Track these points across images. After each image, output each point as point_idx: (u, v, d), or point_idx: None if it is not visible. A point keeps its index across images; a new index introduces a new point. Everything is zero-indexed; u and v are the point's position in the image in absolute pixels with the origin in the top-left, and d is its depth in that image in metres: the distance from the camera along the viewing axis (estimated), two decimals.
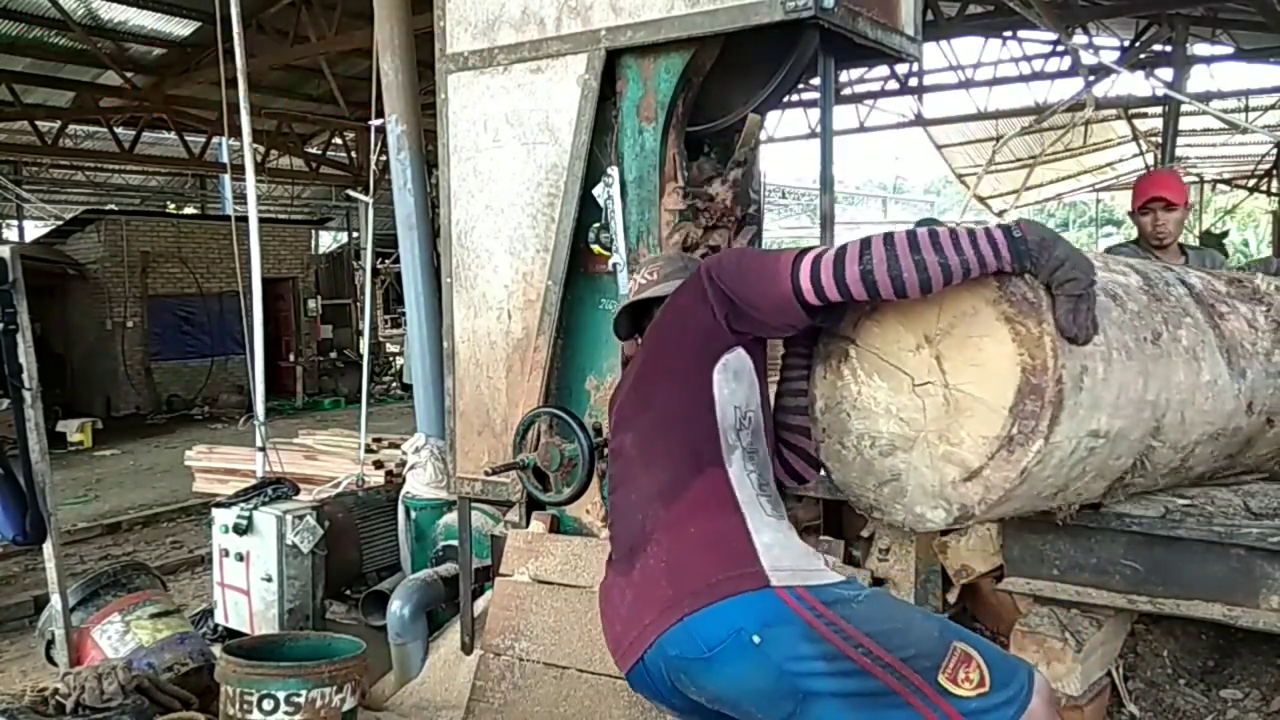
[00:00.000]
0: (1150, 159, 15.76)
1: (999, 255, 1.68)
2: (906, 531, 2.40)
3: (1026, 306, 1.77)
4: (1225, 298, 2.46)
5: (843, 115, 15.40)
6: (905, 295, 1.68)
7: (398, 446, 6.15)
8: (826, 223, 3.14)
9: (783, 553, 1.65)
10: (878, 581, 2.68)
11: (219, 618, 4.50)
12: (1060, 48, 12.23)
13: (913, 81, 14.80)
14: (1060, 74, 13.25)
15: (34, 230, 18.40)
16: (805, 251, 1.75)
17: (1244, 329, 2.40)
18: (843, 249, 1.69)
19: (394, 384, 16.12)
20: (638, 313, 2.18)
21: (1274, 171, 15.58)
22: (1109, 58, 11.42)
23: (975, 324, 1.82)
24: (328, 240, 21.93)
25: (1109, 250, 4.10)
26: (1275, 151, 14.55)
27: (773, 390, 2.12)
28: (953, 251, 1.65)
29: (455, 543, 3.80)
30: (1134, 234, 4.02)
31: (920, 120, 15.74)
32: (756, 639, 1.56)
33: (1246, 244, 23.69)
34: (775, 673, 1.55)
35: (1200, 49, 11.94)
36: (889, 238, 1.67)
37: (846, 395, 2.05)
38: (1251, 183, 17.14)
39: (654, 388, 1.89)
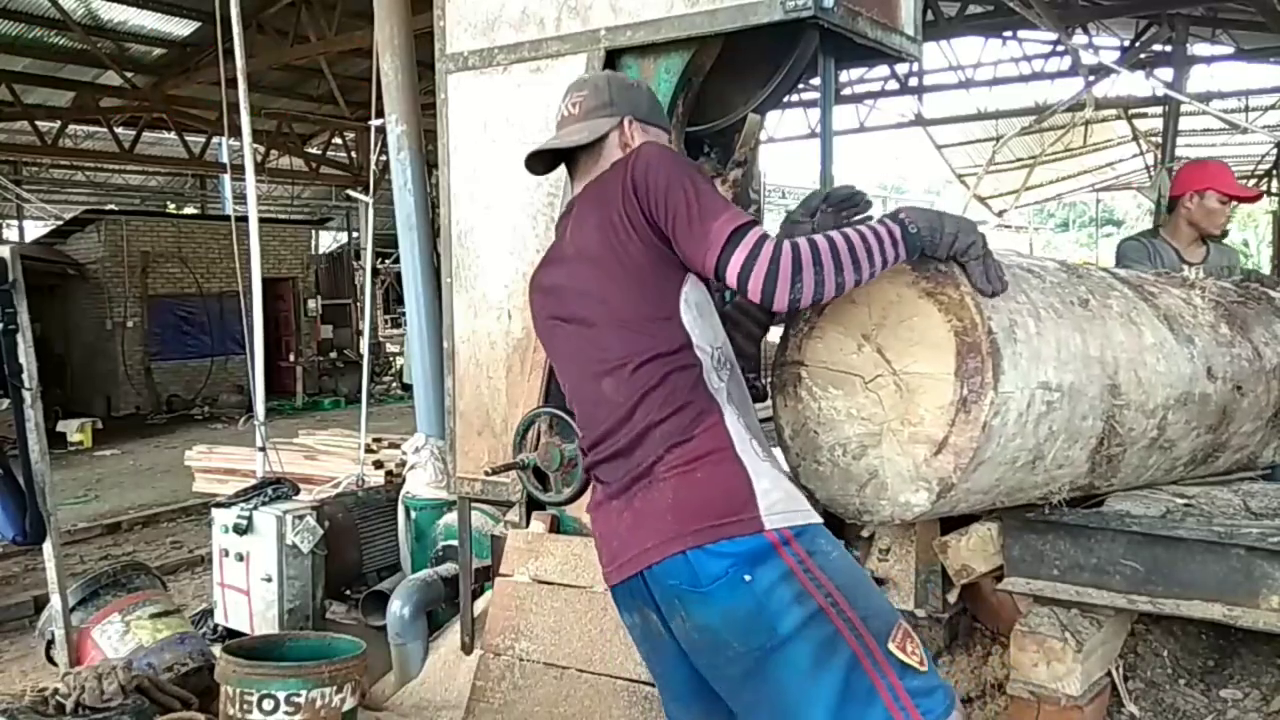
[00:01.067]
0: (1150, 159, 15.77)
1: (899, 253, 1.84)
2: (898, 525, 2.45)
3: (941, 277, 1.95)
4: (1153, 283, 2.60)
5: (843, 115, 15.41)
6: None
7: (398, 446, 6.15)
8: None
9: (776, 497, 1.77)
10: (879, 581, 2.68)
11: (219, 618, 4.50)
12: (1060, 48, 12.23)
13: (913, 81, 14.81)
14: (1060, 74, 13.25)
15: (34, 230, 18.42)
16: (739, 232, 1.75)
17: (1179, 304, 2.53)
18: (775, 266, 1.72)
19: (394, 384, 16.13)
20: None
21: (1274, 171, 15.58)
22: (1109, 58, 11.42)
23: (903, 308, 1.97)
24: (328, 240, 21.93)
25: (1125, 242, 4.04)
26: (1275, 151, 14.55)
27: None
28: (866, 265, 1.78)
29: (455, 543, 3.80)
30: (1129, 230, 4.02)
31: (920, 120, 15.75)
32: (747, 577, 1.71)
33: (1247, 244, 23.70)
34: (757, 607, 1.70)
35: (1200, 49, 11.94)
36: (815, 256, 1.74)
37: (810, 414, 2.17)
38: (1251, 183, 17.15)
39: (615, 335, 1.88)
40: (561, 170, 3.00)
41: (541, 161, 2.16)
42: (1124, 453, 2.31)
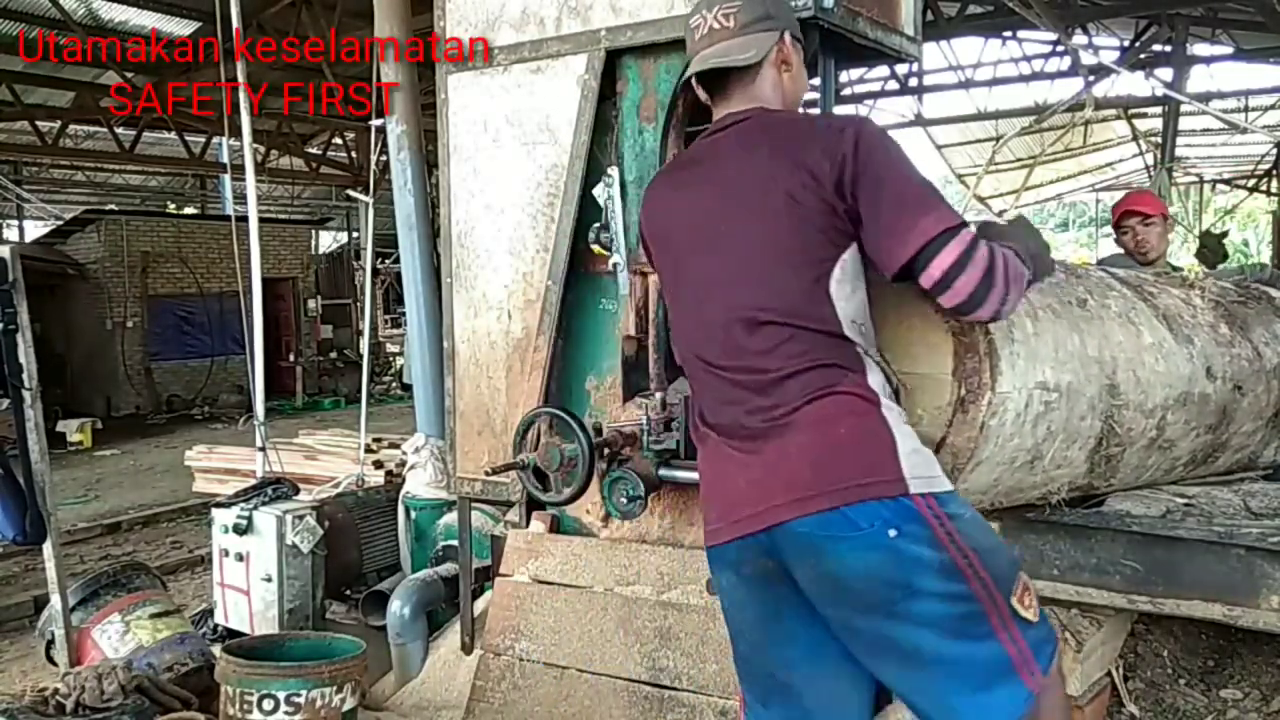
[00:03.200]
0: (1150, 159, 15.75)
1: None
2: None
3: None
4: (1152, 284, 2.61)
5: None
6: None
7: (398, 446, 6.14)
8: None
9: (919, 460, 1.74)
10: None
11: (219, 618, 4.49)
12: (1060, 48, 12.23)
13: (913, 81, 14.80)
14: (1060, 74, 13.25)
15: (34, 230, 18.41)
16: (951, 232, 1.72)
17: (1178, 304, 2.51)
18: (991, 275, 1.73)
19: (394, 384, 16.11)
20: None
21: (1274, 171, 15.56)
22: (1109, 58, 11.43)
23: (901, 313, 1.96)
24: (328, 240, 21.93)
25: (1101, 262, 4.12)
26: (1275, 151, 14.54)
27: None
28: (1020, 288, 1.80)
29: (455, 543, 3.80)
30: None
31: (920, 120, 15.73)
32: (892, 532, 1.67)
33: (1246, 244, 23.70)
34: (897, 564, 1.67)
35: (1200, 49, 11.94)
36: (1016, 274, 1.77)
37: None
38: (1251, 183, 17.13)
39: (764, 283, 1.80)
40: (561, 171, 3.02)
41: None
42: (1123, 453, 2.31)
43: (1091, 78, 9.33)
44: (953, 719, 1.70)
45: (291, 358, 15.70)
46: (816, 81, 3.15)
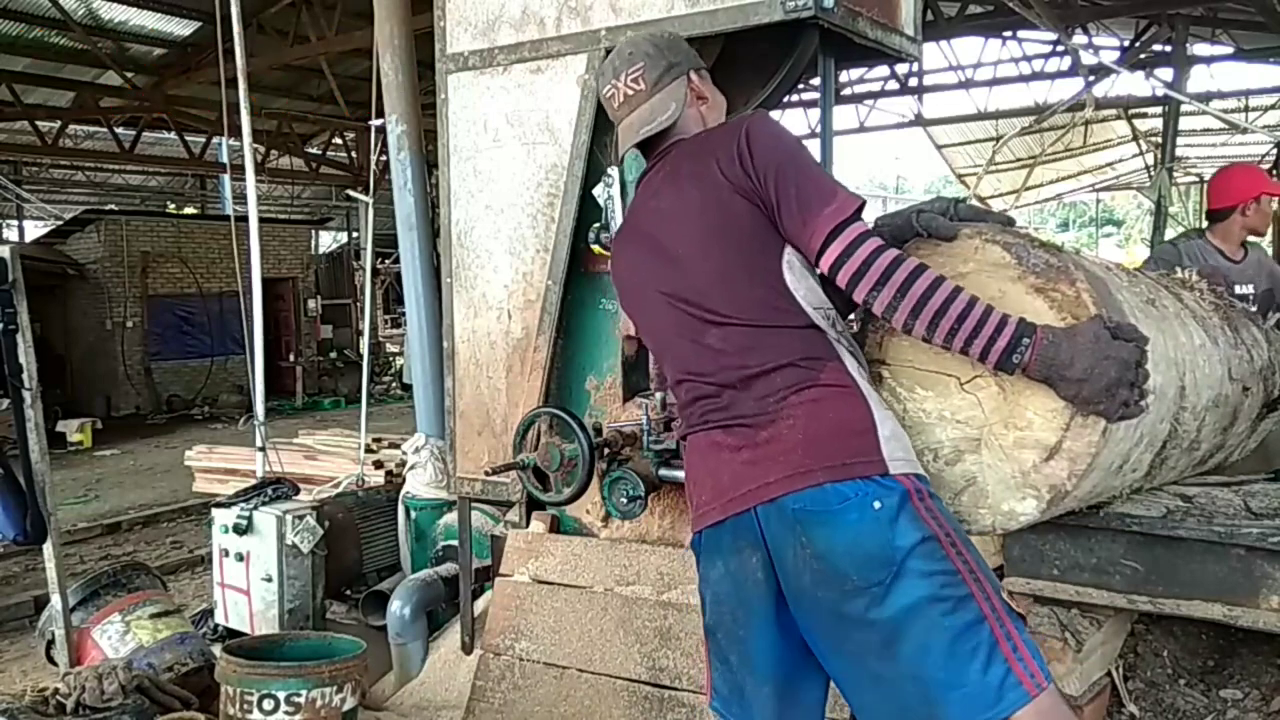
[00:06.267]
0: (1150, 159, 15.76)
1: (990, 357, 1.73)
2: (998, 535, 2.35)
3: (1053, 272, 1.80)
4: (1174, 285, 2.57)
5: (843, 115, 15.41)
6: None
7: (398, 446, 6.14)
8: None
9: (897, 444, 1.78)
10: None
11: (219, 618, 4.49)
12: (1060, 48, 12.23)
13: (913, 81, 14.80)
14: (1060, 74, 13.25)
15: (34, 230, 18.41)
16: (840, 228, 1.77)
17: (1196, 307, 2.48)
18: (864, 268, 1.74)
19: (394, 384, 16.12)
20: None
21: (1274, 171, 15.55)
22: (1109, 58, 11.42)
23: (1007, 304, 1.79)
24: (328, 240, 21.93)
25: (1160, 245, 4.11)
26: (1275, 151, 14.54)
27: None
28: (942, 332, 1.73)
29: (455, 543, 3.80)
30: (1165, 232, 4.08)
31: (920, 120, 15.74)
32: (877, 504, 1.70)
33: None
34: (883, 538, 1.69)
35: (1200, 49, 11.93)
36: (906, 284, 1.73)
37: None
38: None
39: (720, 289, 1.87)
40: (561, 171, 3.02)
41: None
42: (1174, 456, 2.29)
43: (1091, 78, 9.32)
44: (934, 712, 1.65)
45: (291, 358, 15.70)
46: (816, 81, 3.16)
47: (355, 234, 19.96)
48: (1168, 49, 11.42)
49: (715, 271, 1.88)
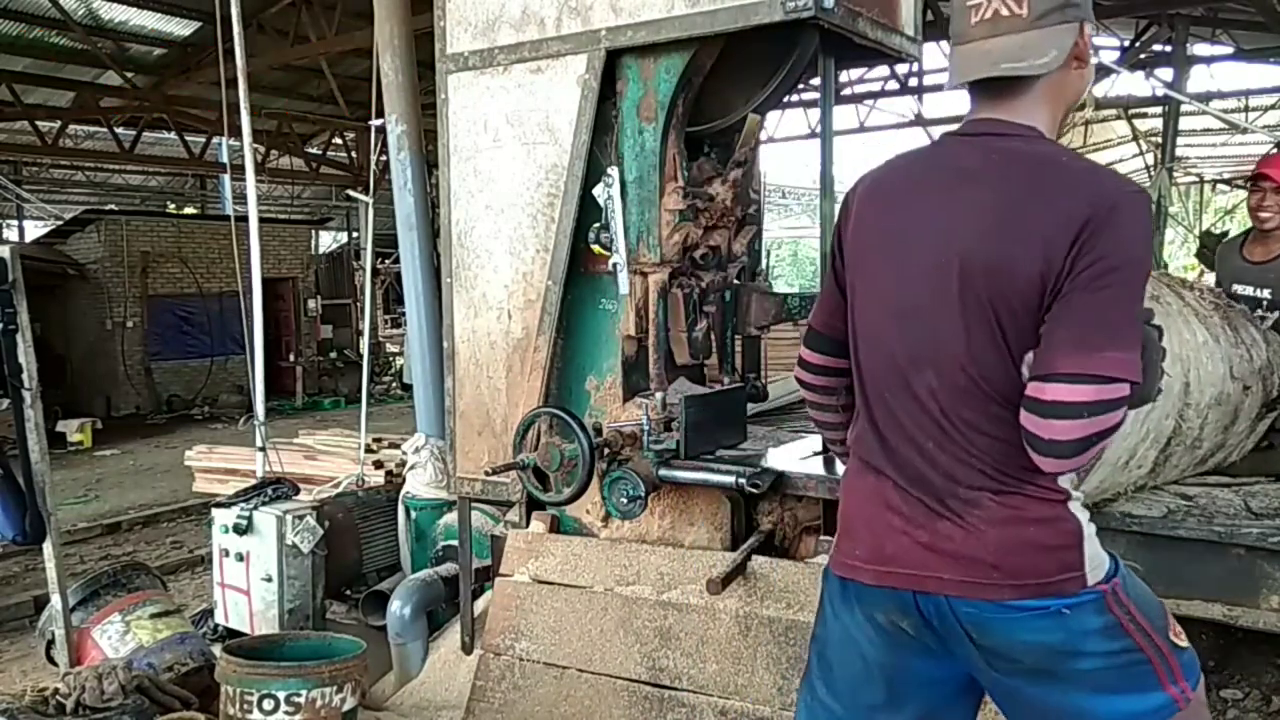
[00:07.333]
0: (1150, 159, 15.76)
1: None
2: None
3: None
4: (1175, 284, 2.60)
5: (843, 115, 15.40)
6: None
7: (398, 446, 6.14)
8: (827, 224, 3.14)
9: (1094, 548, 1.65)
10: None
11: (219, 618, 4.49)
12: None
13: (913, 81, 14.80)
14: None
15: (34, 230, 18.40)
16: (1099, 380, 1.48)
17: (1198, 305, 2.47)
18: (1094, 441, 1.52)
19: (394, 384, 16.11)
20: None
21: None
22: (1109, 58, 11.42)
23: None
24: (328, 240, 21.92)
25: (1222, 238, 4.00)
26: (1275, 151, 14.54)
27: None
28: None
29: (455, 543, 3.80)
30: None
31: (920, 120, 15.72)
32: (1066, 610, 1.60)
33: None
34: (1065, 634, 1.61)
35: (1200, 49, 11.94)
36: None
37: None
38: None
39: (981, 330, 1.58)
40: (561, 171, 3.02)
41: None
42: (1178, 452, 2.29)
43: (1091, 78, 9.31)
44: None
45: (291, 358, 15.69)
46: (816, 81, 3.16)
47: (355, 234, 19.97)
48: (1168, 49, 11.42)
49: (986, 315, 1.57)
